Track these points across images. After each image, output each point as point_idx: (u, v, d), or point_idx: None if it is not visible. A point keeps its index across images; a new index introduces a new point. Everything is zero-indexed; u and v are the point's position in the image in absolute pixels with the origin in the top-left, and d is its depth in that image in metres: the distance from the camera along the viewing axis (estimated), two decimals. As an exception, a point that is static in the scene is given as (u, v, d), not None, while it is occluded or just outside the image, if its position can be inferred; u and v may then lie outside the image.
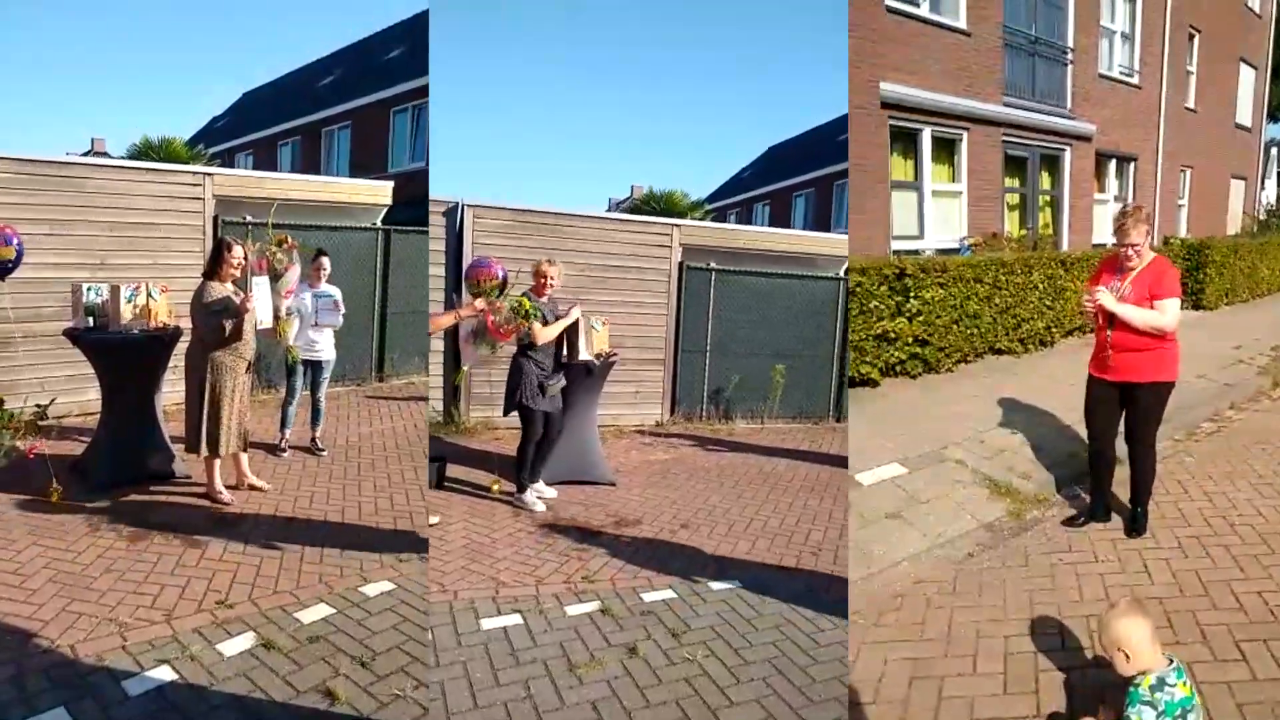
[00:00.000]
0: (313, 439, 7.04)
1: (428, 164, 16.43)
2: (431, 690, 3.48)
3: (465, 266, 7.05)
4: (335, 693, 3.37)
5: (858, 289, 7.54)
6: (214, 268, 5.54)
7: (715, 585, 4.80)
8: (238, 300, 5.41)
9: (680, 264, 9.76)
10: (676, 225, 10.04)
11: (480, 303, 5.84)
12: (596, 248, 9.23)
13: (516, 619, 4.19)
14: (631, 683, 3.66)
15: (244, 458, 5.80)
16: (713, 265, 9.98)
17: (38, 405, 5.78)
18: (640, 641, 4.02)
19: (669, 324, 9.80)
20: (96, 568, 4.40)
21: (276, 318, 5.85)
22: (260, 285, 5.44)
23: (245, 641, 3.73)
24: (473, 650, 3.84)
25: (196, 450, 5.56)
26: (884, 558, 4.59)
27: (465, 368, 6.02)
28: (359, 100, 21.28)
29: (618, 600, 4.49)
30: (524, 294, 5.99)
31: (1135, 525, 4.78)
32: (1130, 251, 4.59)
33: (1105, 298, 4.56)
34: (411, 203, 10.99)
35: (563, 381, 6.18)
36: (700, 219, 18.79)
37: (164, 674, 3.44)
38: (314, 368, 7.00)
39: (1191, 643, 3.67)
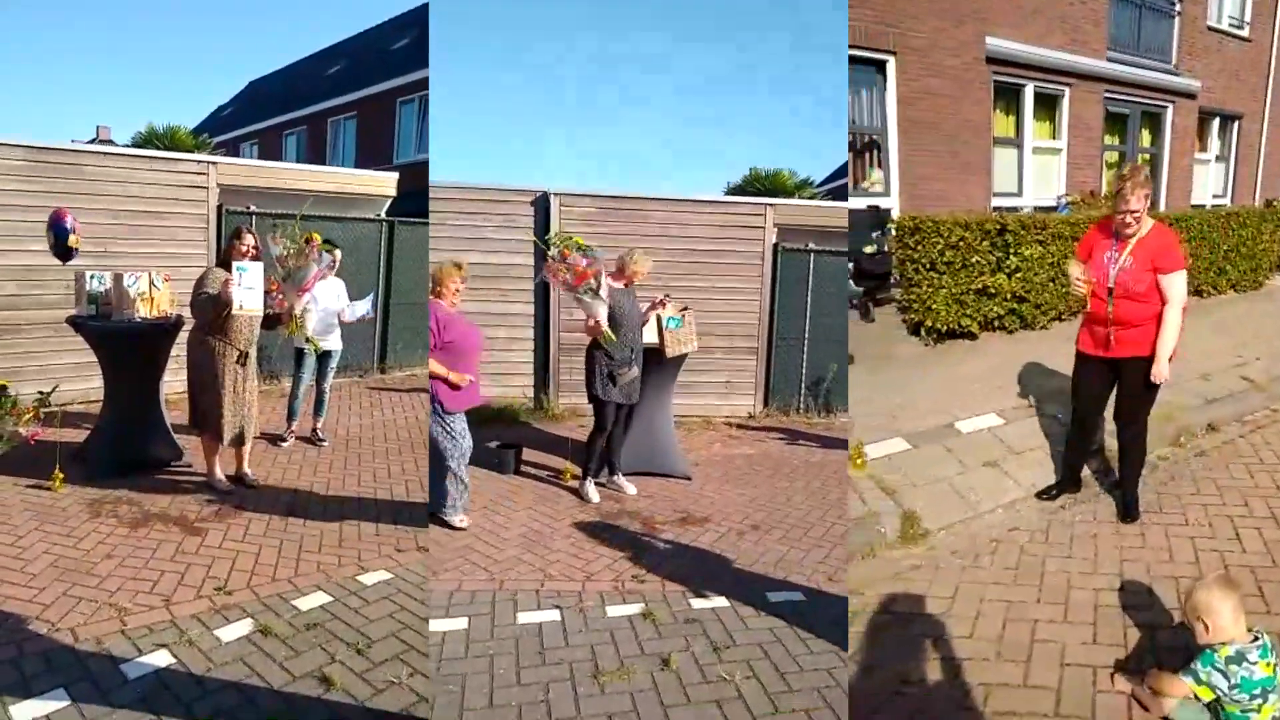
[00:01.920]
0: (314, 429, 7.07)
1: (429, 152, 16.44)
2: (452, 682, 3.47)
3: None
4: (331, 679, 3.40)
5: (960, 243, 7.60)
6: (225, 254, 5.59)
7: (774, 596, 4.45)
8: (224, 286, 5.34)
9: (775, 245, 9.25)
10: (770, 205, 9.49)
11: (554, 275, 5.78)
12: (684, 232, 8.94)
13: (555, 615, 4.12)
14: (656, 698, 3.43)
15: (245, 449, 5.79)
16: (810, 246, 9.36)
17: (40, 392, 5.82)
18: (677, 653, 3.77)
19: (762, 310, 9.29)
20: (97, 553, 4.44)
21: (293, 315, 5.71)
22: (250, 272, 5.34)
23: (243, 628, 3.77)
24: (503, 644, 3.81)
25: (196, 430, 5.64)
26: (981, 504, 4.73)
27: (608, 337, 5.83)
28: (365, 90, 21.30)
29: (664, 605, 4.27)
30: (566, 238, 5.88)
31: (1129, 513, 4.60)
32: (1129, 218, 4.24)
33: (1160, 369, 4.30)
34: (417, 194, 11.01)
35: (636, 371, 6.06)
36: (809, 199, 16.55)
37: (162, 658, 3.47)
38: (321, 358, 7.03)
39: (1284, 612, 3.63)
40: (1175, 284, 4.25)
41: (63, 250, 6.14)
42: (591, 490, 6.05)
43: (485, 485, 6.19)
